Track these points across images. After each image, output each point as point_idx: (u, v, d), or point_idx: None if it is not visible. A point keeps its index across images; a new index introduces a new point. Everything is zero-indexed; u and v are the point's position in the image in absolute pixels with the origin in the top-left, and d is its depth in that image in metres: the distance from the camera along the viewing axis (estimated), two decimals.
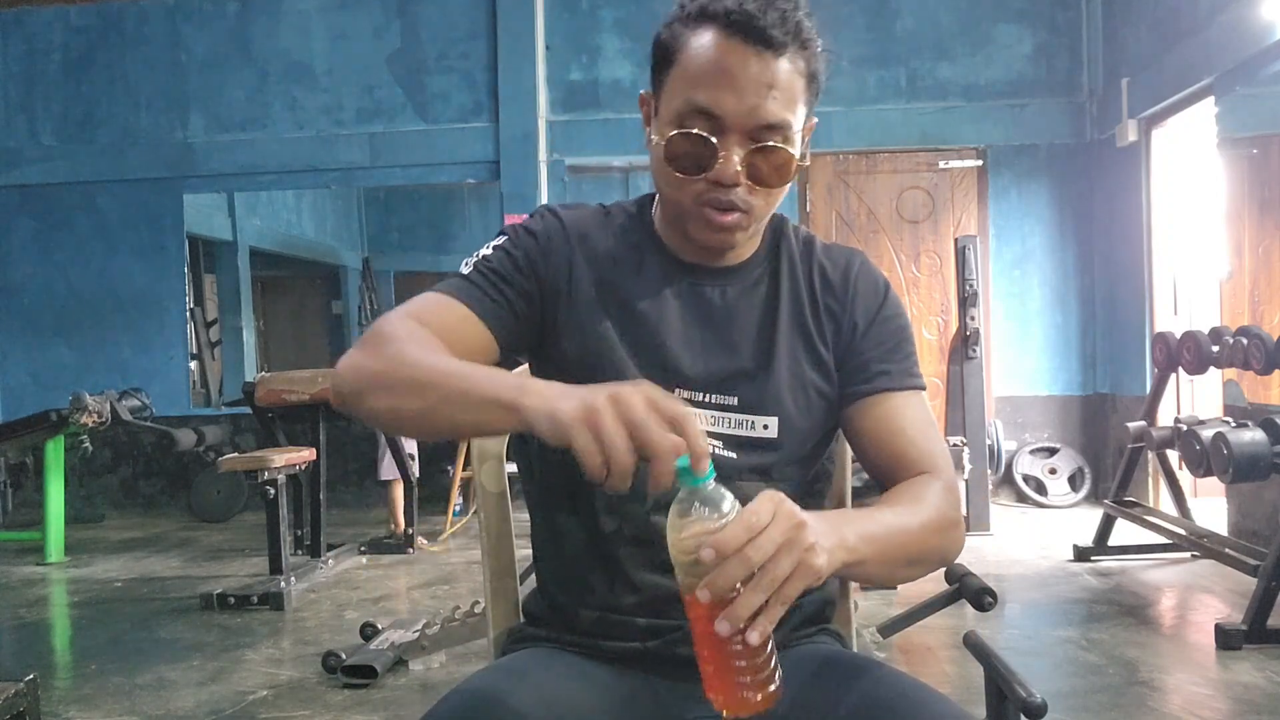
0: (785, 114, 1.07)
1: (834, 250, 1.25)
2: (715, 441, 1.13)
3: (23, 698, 1.80)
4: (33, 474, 6.50)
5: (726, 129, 1.07)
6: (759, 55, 1.05)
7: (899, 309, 1.23)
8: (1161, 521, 4.56)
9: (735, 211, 1.10)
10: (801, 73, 1.09)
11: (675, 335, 1.17)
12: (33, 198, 7.08)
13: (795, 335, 1.19)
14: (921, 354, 6.53)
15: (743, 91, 1.06)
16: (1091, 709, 2.81)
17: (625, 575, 1.13)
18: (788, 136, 1.08)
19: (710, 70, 1.06)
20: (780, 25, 1.06)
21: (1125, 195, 6.07)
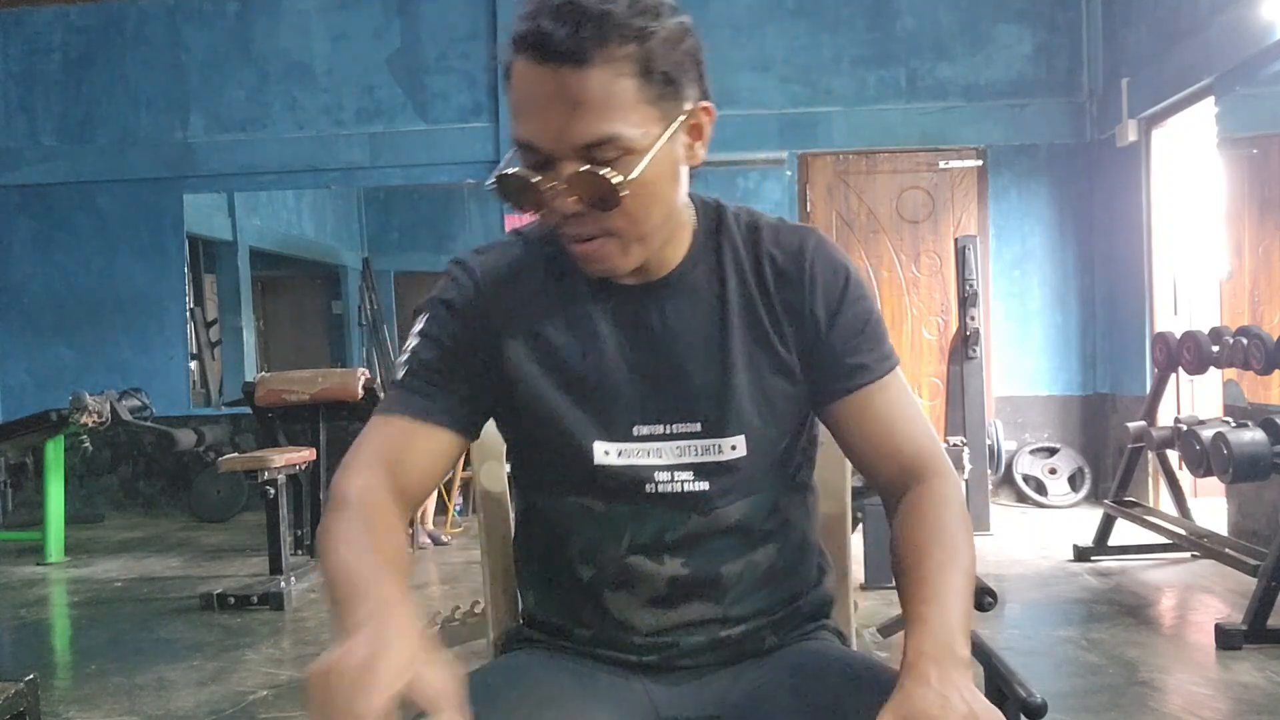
0: (606, 127, 0.95)
1: (784, 233, 1.13)
2: (684, 473, 1.08)
3: (23, 698, 1.80)
4: (33, 474, 6.49)
5: (549, 158, 0.97)
6: (556, 73, 0.93)
7: (863, 289, 1.12)
8: (1161, 521, 4.56)
9: (592, 239, 1.01)
10: (627, 72, 0.95)
11: (621, 370, 1.08)
12: (33, 198, 7.08)
13: (751, 341, 1.09)
14: (921, 354, 6.57)
15: (547, 117, 0.95)
16: (1091, 709, 2.81)
17: (612, 616, 1.11)
18: (627, 147, 0.96)
19: (518, 100, 0.98)
20: (576, 32, 0.93)
21: (1125, 195, 6.07)
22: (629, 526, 1.09)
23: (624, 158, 0.96)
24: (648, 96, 0.97)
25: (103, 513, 6.94)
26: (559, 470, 1.10)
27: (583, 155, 0.96)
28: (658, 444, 1.08)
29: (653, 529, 1.09)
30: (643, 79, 0.96)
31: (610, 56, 0.94)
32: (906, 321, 6.60)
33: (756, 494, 1.11)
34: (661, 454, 1.08)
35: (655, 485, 1.07)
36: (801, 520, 1.18)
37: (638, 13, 0.96)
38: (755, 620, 1.13)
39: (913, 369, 6.57)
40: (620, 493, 1.08)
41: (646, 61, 0.96)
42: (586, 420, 1.08)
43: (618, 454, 1.07)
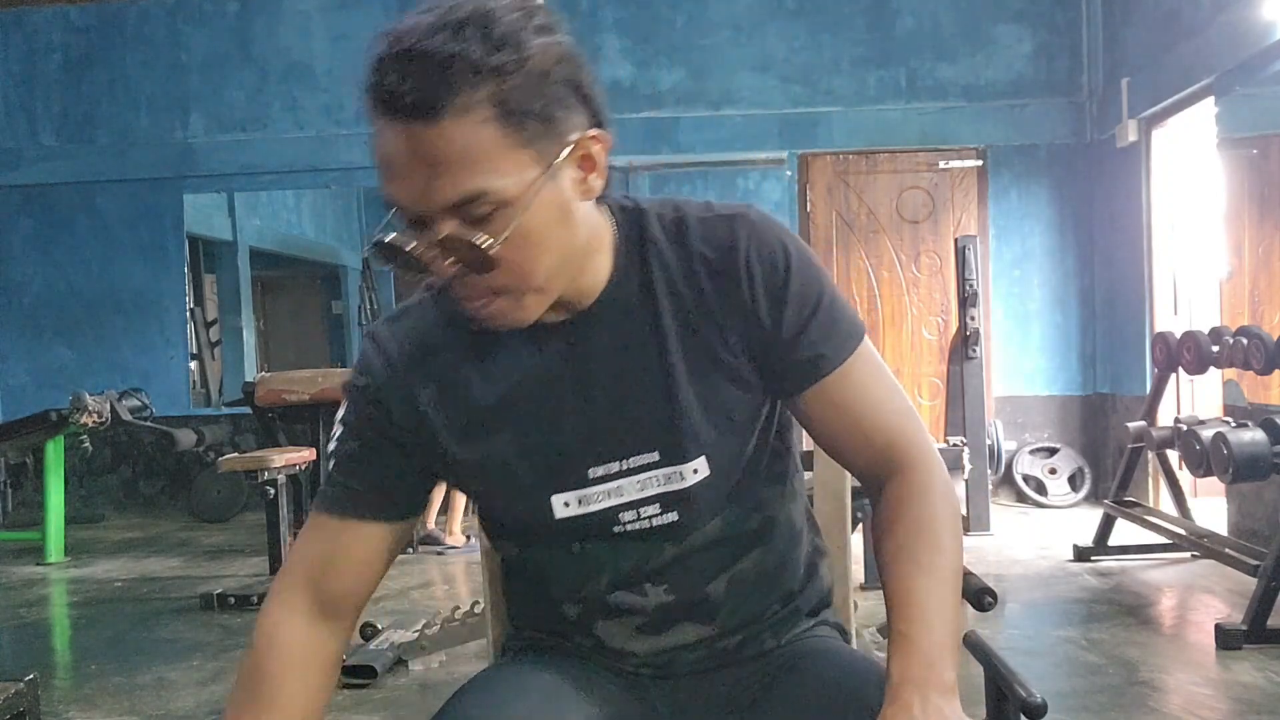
0: (469, 184, 0.86)
1: (713, 225, 1.02)
2: (650, 507, 1.03)
3: (23, 698, 1.80)
4: (33, 474, 6.49)
5: (419, 219, 0.89)
6: (408, 130, 0.85)
7: (807, 269, 1.01)
8: (1161, 521, 4.56)
9: (480, 299, 0.93)
10: (485, 118, 0.85)
11: (562, 413, 1.02)
12: (33, 198, 7.08)
13: (694, 355, 1.01)
14: (921, 354, 6.57)
15: (407, 178, 0.87)
16: (1092, 709, 2.81)
17: (605, 644, 1.10)
18: (500, 201, 0.87)
19: (379, 162, 0.90)
20: (422, 83, 0.84)
21: (1125, 195, 6.07)
22: (606, 565, 1.06)
23: (499, 211, 0.88)
24: (516, 140, 0.87)
25: (103, 513, 6.94)
26: (523, 524, 1.07)
27: (454, 213, 0.87)
28: (616, 482, 1.02)
29: (629, 564, 1.06)
30: (505, 123, 0.86)
31: (464, 105, 0.84)
32: (906, 321, 6.60)
33: (731, 506, 1.07)
34: (623, 492, 1.02)
35: (623, 525, 1.03)
36: (786, 510, 1.13)
37: (492, 48, 0.85)
38: (751, 627, 1.11)
39: (913, 369, 6.58)
40: (590, 536, 1.05)
41: (507, 103, 0.86)
42: (537, 475, 1.02)
43: (578, 502, 1.03)
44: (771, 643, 1.13)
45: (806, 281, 1.01)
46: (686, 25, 6.68)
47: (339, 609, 1.05)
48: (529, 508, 1.04)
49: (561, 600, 1.10)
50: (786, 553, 1.13)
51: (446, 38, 0.84)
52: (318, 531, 1.05)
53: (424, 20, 0.86)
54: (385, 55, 0.86)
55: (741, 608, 1.10)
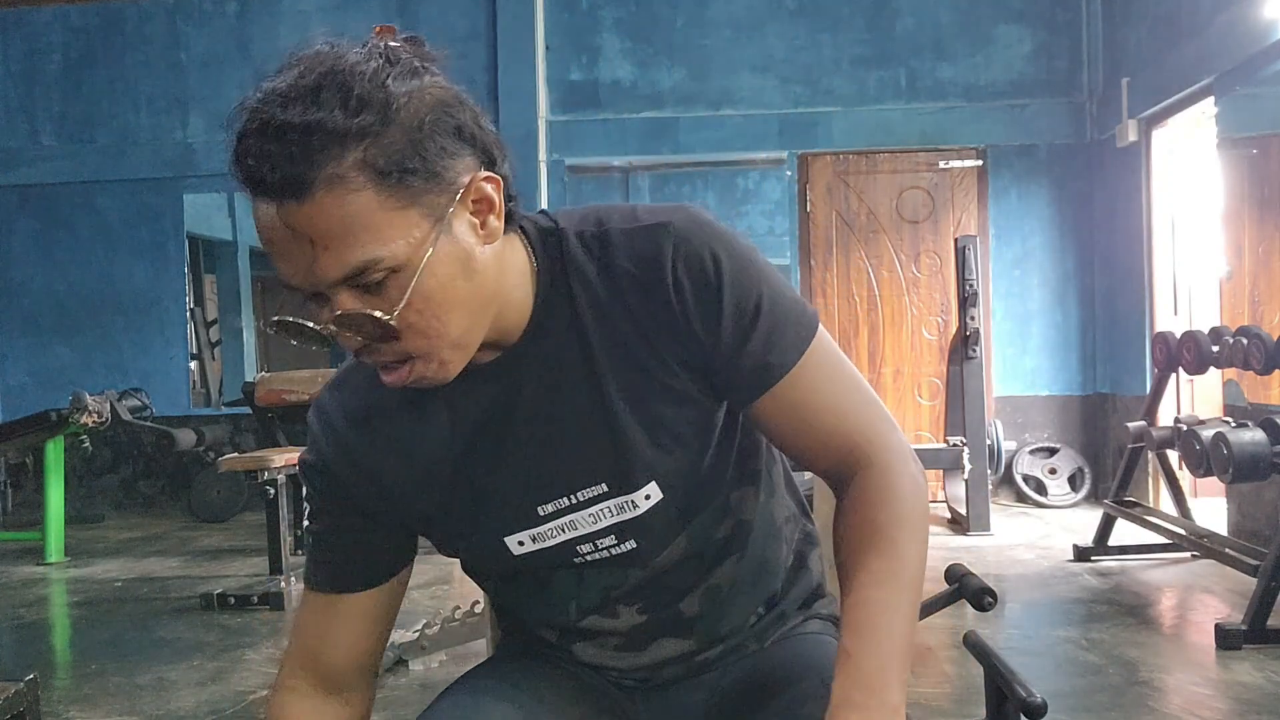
0: (356, 256, 0.81)
1: (637, 240, 0.95)
2: (607, 538, 1.01)
3: (23, 698, 1.80)
4: (33, 474, 6.50)
5: (317, 294, 0.85)
6: (280, 210, 0.81)
7: (743, 274, 0.94)
8: (1161, 521, 4.56)
9: (400, 366, 0.89)
10: (359, 184, 0.80)
11: (504, 454, 0.99)
12: (33, 198, 7.08)
13: (630, 377, 0.96)
14: (921, 354, 6.57)
15: (289, 258, 0.83)
16: (1092, 709, 2.81)
17: (586, 662, 1.11)
18: (392, 268, 0.83)
19: (262, 241, 0.85)
20: (286, 159, 0.79)
21: (1125, 195, 6.07)
22: (573, 594, 1.06)
23: (392, 277, 0.83)
24: (397, 201, 0.82)
25: (103, 513, 6.94)
26: (487, 565, 1.08)
27: (347, 286, 0.83)
28: (569, 516, 1.00)
29: (596, 592, 1.05)
30: (381, 186, 0.81)
31: (333, 175, 0.79)
32: (906, 321, 6.61)
33: (695, 520, 1.03)
34: (576, 525, 1.00)
35: (582, 556, 1.02)
36: (763, 509, 1.09)
37: (354, 110, 0.80)
38: (733, 636, 1.10)
39: (913, 369, 6.58)
40: (554, 567, 1.04)
41: (378, 166, 0.80)
42: (489, 519, 1.01)
43: (531, 540, 1.01)
44: (755, 646, 1.11)
45: (742, 289, 0.93)
46: (686, 25, 6.69)
47: (346, 681, 1.06)
48: (486, 550, 1.03)
49: (539, 627, 1.11)
50: (765, 554, 1.10)
51: (304, 107, 0.79)
52: (310, 610, 1.06)
53: (278, 86, 0.81)
54: (243, 133, 0.82)
55: (721, 619, 1.08)
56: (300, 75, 0.82)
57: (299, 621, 1.07)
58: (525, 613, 1.11)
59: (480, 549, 1.04)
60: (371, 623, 1.06)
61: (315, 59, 0.84)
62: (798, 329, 0.96)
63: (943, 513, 5.99)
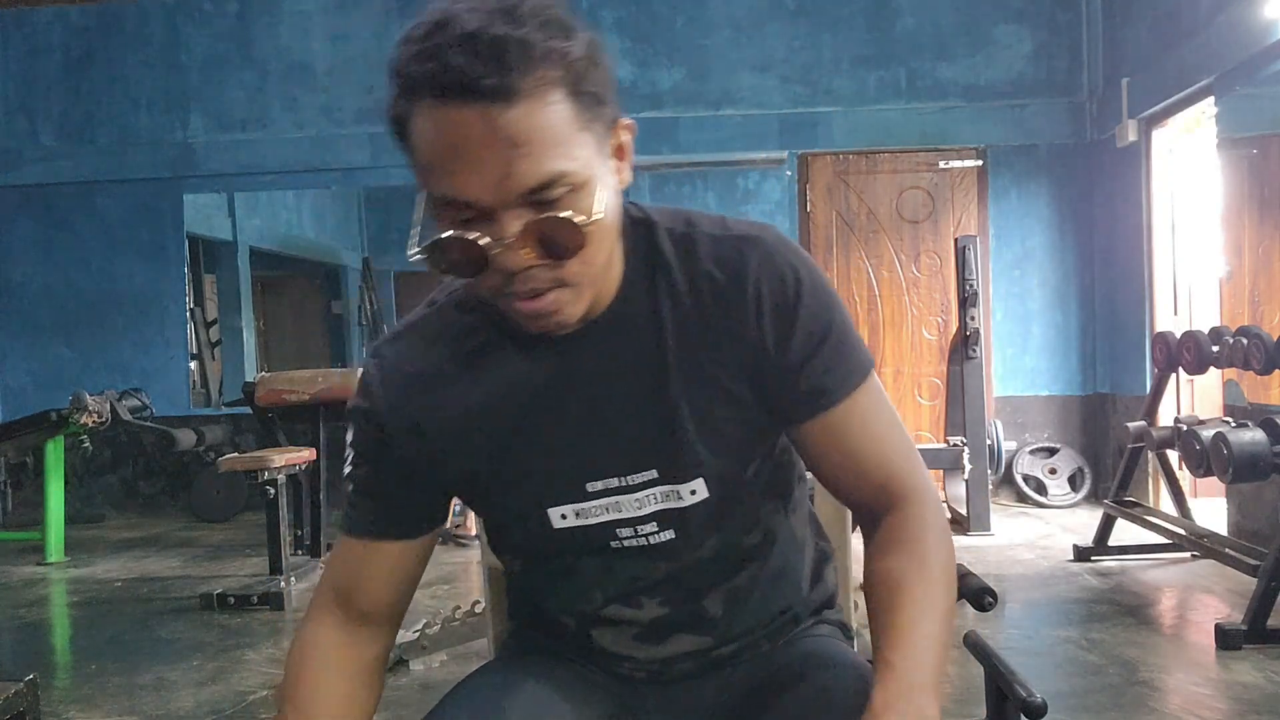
0: (551, 165, 0.84)
1: (724, 247, 0.99)
2: (648, 525, 1.02)
3: (23, 698, 1.80)
4: (33, 474, 6.49)
5: (489, 210, 0.85)
6: (484, 114, 0.81)
7: (820, 298, 0.99)
8: (1161, 521, 4.56)
9: (544, 293, 0.89)
10: (557, 98, 0.84)
11: (564, 427, 1.00)
12: (33, 198, 7.08)
13: (695, 377, 0.99)
14: (921, 354, 6.56)
15: (483, 166, 0.83)
16: (1091, 709, 2.81)
17: (602, 649, 1.11)
18: (574, 184, 0.85)
19: (440, 153, 0.85)
20: (497, 62, 0.81)
21: (1125, 195, 6.07)
22: (600, 581, 1.07)
23: (571, 194, 0.86)
24: (581, 122, 0.86)
25: (103, 513, 6.94)
26: (521, 536, 1.08)
27: (527, 202, 0.85)
28: (615, 498, 1.01)
29: (623, 580, 1.06)
30: (574, 103, 0.85)
31: (539, 84, 0.82)
32: (906, 322, 6.60)
33: (729, 523, 1.06)
34: (621, 508, 1.02)
35: (620, 541, 1.03)
36: (788, 523, 1.12)
37: (551, 34, 0.84)
38: (749, 635, 1.12)
39: (913, 369, 6.58)
40: (586, 551, 1.05)
41: (575, 83, 0.85)
42: (536, 488, 1.02)
43: (575, 515, 1.02)
44: (767, 646, 1.13)
45: (816, 310, 0.98)
46: (686, 25, 6.68)
47: (374, 619, 1.07)
48: (527, 519, 1.04)
49: (558, 612, 1.11)
50: (787, 565, 1.13)
51: (508, 22, 0.82)
52: (344, 554, 1.07)
53: (467, 8, 0.83)
54: (444, 40, 0.81)
55: (738, 620, 1.10)
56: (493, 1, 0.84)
57: (334, 563, 1.09)
58: (547, 597, 1.12)
59: (522, 518, 1.04)
60: (403, 573, 1.07)
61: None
62: (857, 362, 1.00)
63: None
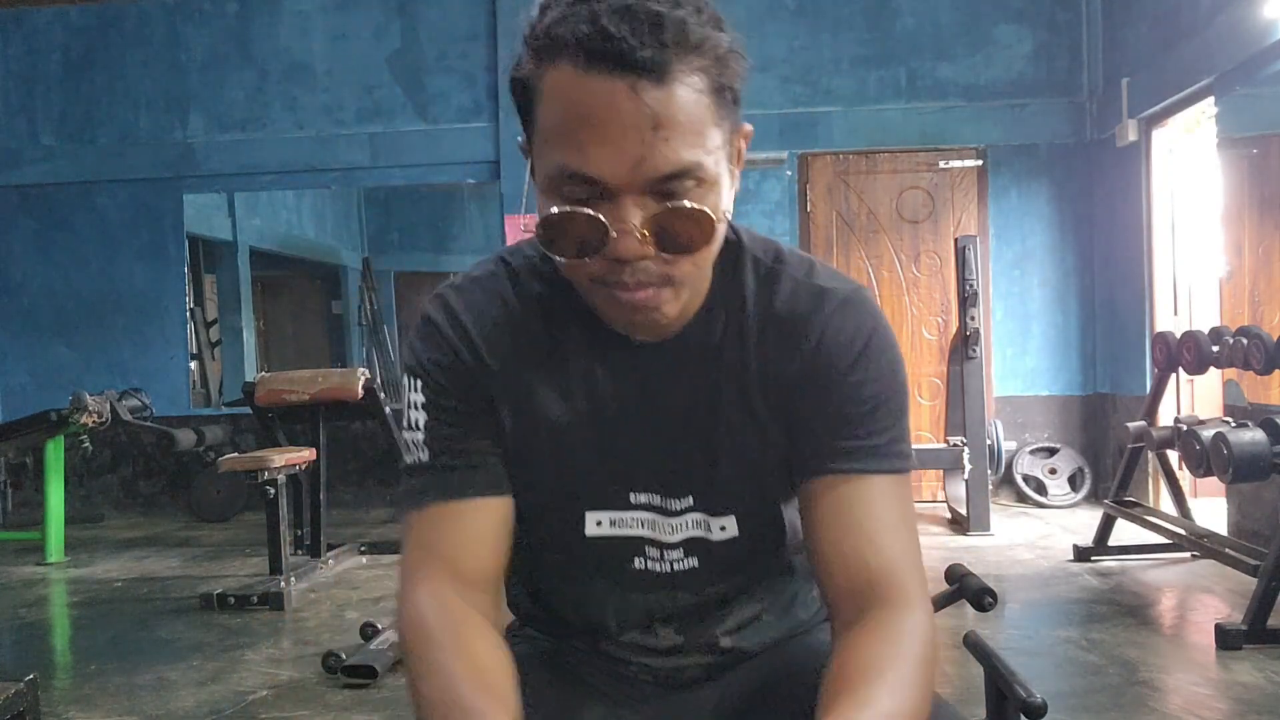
0: (689, 155, 0.79)
1: (802, 292, 0.95)
2: (675, 551, 1.01)
3: (23, 698, 1.80)
4: (33, 474, 6.50)
5: (614, 191, 0.80)
6: (633, 88, 0.77)
7: (883, 368, 0.94)
8: (1161, 521, 4.56)
9: (649, 287, 0.85)
10: (704, 89, 0.80)
11: (620, 435, 0.97)
12: (33, 198, 7.08)
13: (741, 418, 0.96)
14: (921, 354, 6.56)
15: (620, 143, 0.78)
16: (1091, 709, 2.81)
17: (610, 655, 1.10)
18: (703, 179, 0.81)
19: (572, 122, 0.79)
20: (655, 37, 0.77)
21: (1125, 195, 6.07)
22: (615, 607, 1.05)
23: (698, 189, 0.81)
24: (717, 117, 0.82)
25: (103, 513, 6.94)
26: (546, 535, 1.03)
27: (655, 190, 0.80)
28: (651, 515, 0.99)
29: (640, 608, 1.05)
30: (715, 96, 0.81)
31: (689, 69, 0.79)
32: (906, 321, 6.60)
33: (753, 565, 1.05)
34: (655, 527, 1.00)
35: (645, 561, 1.01)
36: (795, 530, 1.08)
37: (705, 22, 0.81)
38: (758, 649, 1.11)
39: (913, 369, 6.57)
40: (606, 568, 1.02)
41: (720, 77, 0.81)
42: (579, 488, 0.99)
43: (610, 523, 0.99)
44: (771, 653, 1.13)
45: (874, 379, 0.93)
46: None
47: (482, 584, 0.96)
48: (561, 520, 1.00)
49: (571, 619, 1.10)
50: (801, 590, 1.13)
51: (668, 2, 0.79)
52: (434, 521, 0.95)
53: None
54: (600, 6, 0.78)
55: (751, 637, 1.10)
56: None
57: (421, 537, 0.95)
58: (567, 608, 1.09)
59: (556, 516, 1.00)
60: (504, 530, 0.97)
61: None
62: (896, 449, 0.94)
63: (943, 513, 5.99)
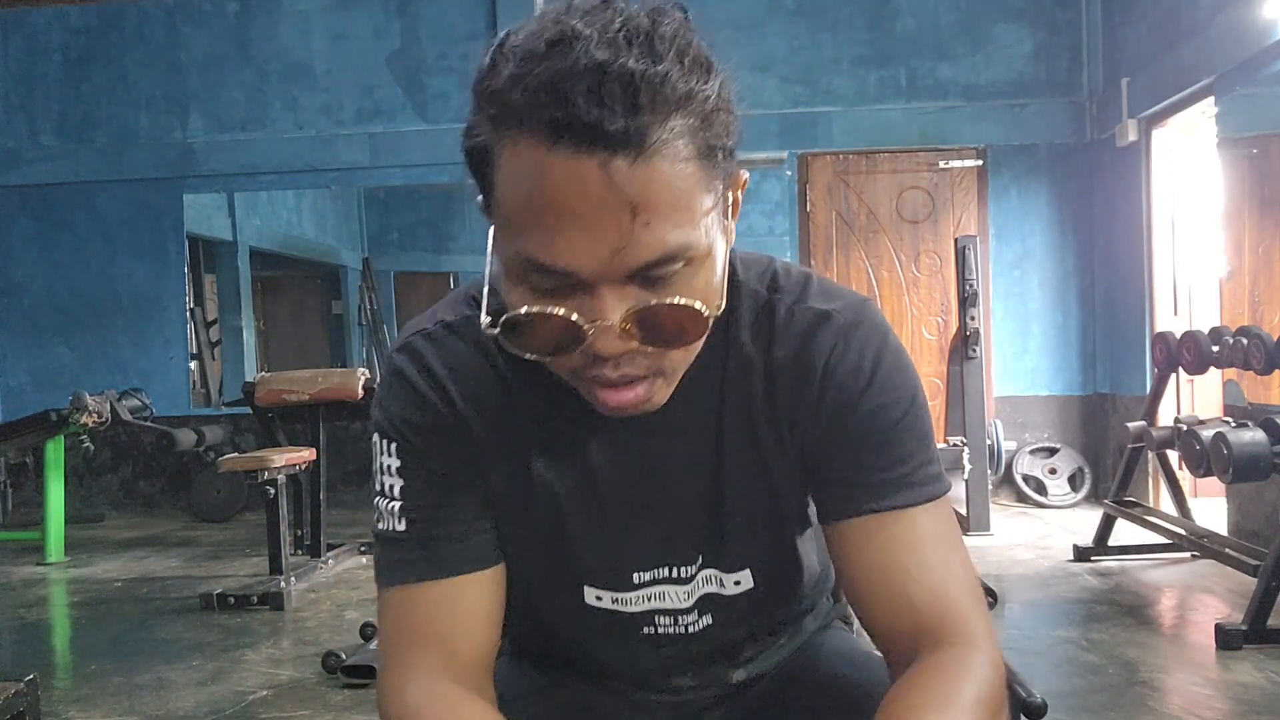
0: (675, 237, 0.69)
1: (800, 316, 0.86)
2: (689, 615, 0.94)
3: (22, 698, 1.80)
4: (33, 474, 6.49)
5: (588, 283, 0.70)
6: (604, 167, 0.66)
7: (898, 387, 0.85)
8: (1161, 521, 4.55)
9: (637, 383, 0.76)
10: (690, 154, 0.69)
11: (617, 510, 0.89)
12: (33, 198, 7.08)
13: (747, 468, 0.88)
14: (921, 354, 6.56)
15: (593, 232, 0.67)
16: (1091, 709, 2.80)
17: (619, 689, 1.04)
18: (693, 258, 0.71)
19: (537, 207, 0.68)
20: (628, 102, 0.65)
21: (1125, 195, 6.07)
22: (624, 664, 1.00)
23: (687, 269, 0.71)
24: (707, 181, 0.71)
25: (103, 513, 6.94)
26: (542, 601, 0.96)
27: (637, 277, 0.70)
28: (659, 588, 0.92)
29: (653, 662, 0.99)
30: (703, 159, 0.70)
31: (672, 135, 0.67)
32: (906, 321, 6.60)
33: (769, 610, 0.99)
34: (665, 598, 0.93)
35: (656, 628, 0.95)
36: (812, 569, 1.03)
37: (690, 70, 0.69)
38: (771, 670, 1.08)
39: None
40: (613, 634, 0.95)
41: (707, 134, 0.70)
42: (576, 564, 0.91)
43: (612, 600, 0.93)
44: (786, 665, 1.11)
45: (886, 405, 0.84)
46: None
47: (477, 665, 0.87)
48: (559, 587, 0.94)
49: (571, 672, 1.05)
50: (811, 606, 1.10)
51: (646, 53, 0.66)
52: (418, 601, 0.86)
53: (596, 27, 0.67)
54: (565, 67, 0.65)
55: (763, 668, 1.06)
56: (622, 20, 0.68)
57: (404, 620, 0.86)
58: (570, 667, 1.04)
59: (552, 590, 0.94)
60: (497, 602, 0.89)
61: (618, 7, 0.70)
62: (925, 473, 0.85)
63: None
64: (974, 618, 0.82)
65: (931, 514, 0.84)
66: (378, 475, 0.88)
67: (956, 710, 0.74)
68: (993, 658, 0.81)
